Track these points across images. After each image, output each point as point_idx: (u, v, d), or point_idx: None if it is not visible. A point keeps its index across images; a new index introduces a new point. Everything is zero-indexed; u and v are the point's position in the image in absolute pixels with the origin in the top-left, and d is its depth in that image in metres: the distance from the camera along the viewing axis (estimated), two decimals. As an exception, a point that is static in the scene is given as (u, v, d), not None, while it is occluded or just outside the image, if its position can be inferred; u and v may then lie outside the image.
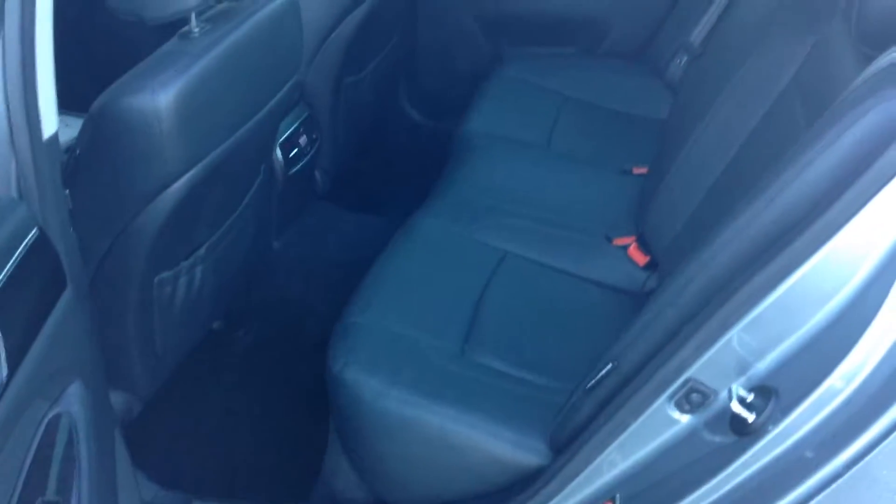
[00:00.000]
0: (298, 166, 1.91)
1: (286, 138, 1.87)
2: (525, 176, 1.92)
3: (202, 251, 1.48)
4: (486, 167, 1.94)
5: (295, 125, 1.91)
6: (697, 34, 2.16)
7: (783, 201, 0.92)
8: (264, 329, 2.00)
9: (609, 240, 1.72)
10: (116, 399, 1.45)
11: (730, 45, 1.69)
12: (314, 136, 1.98)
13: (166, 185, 1.24)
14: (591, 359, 1.47)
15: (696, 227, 1.45)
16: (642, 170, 1.93)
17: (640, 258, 1.65)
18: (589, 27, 2.49)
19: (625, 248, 1.69)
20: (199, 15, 1.27)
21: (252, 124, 1.41)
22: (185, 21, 1.26)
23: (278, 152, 1.84)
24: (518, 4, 2.48)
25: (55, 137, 1.10)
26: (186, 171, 1.25)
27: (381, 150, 2.55)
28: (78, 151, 1.22)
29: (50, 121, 1.08)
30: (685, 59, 2.20)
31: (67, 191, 1.16)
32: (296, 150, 1.90)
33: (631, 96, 2.26)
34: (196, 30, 1.27)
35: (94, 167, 1.22)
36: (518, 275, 1.63)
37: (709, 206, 1.45)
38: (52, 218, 1.04)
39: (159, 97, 1.16)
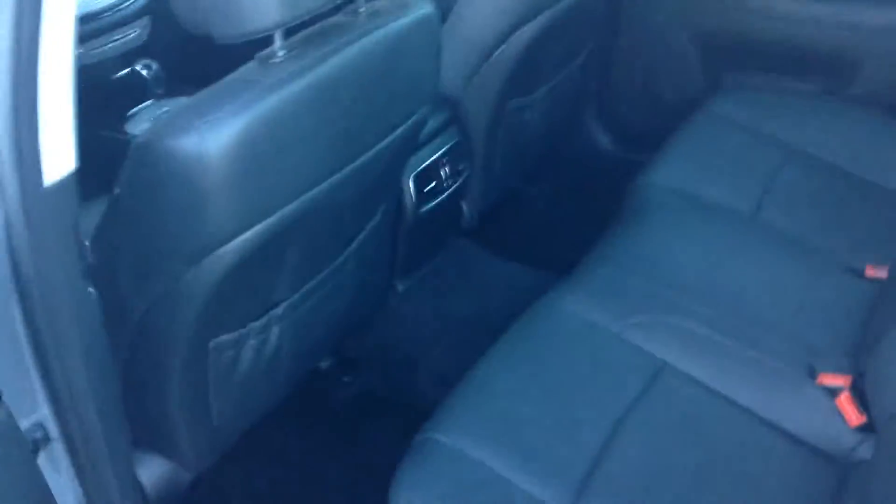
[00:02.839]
0: (434, 202, 1.60)
1: (423, 169, 1.56)
2: (712, 257, 1.48)
3: (279, 310, 1.22)
4: (662, 237, 1.51)
5: (437, 154, 1.60)
6: None
7: None
8: (371, 381, 1.73)
9: (813, 374, 1.25)
10: (161, 469, 1.24)
11: None
12: (460, 168, 1.66)
13: (212, 249, 0.98)
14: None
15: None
16: (881, 272, 1.43)
17: (853, 415, 1.17)
18: (837, 62, 1.93)
19: (833, 391, 1.22)
20: (288, 34, 0.99)
21: (350, 171, 1.12)
22: (270, 39, 0.98)
23: (411, 185, 1.54)
24: (749, 23, 1.95)
25: (69, 181, 0.86)
26: (241, 232, 0.98)
27: (550, 185, 2.18)
28: (117, 191, 0.98)
29: (60, 158, 0.84)
30: (972, 122, 1.63)
31: (87, 242, 0.94)
32: (433, 184, 1.59)
33: (884, 162, 1.71)
34: (281, 53, 0.98)
35: (129, 215, 0.99)
36: (676, 401, 1.22)
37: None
38: (57, 277, 0.83)
39: (207, 142, 0.89)
